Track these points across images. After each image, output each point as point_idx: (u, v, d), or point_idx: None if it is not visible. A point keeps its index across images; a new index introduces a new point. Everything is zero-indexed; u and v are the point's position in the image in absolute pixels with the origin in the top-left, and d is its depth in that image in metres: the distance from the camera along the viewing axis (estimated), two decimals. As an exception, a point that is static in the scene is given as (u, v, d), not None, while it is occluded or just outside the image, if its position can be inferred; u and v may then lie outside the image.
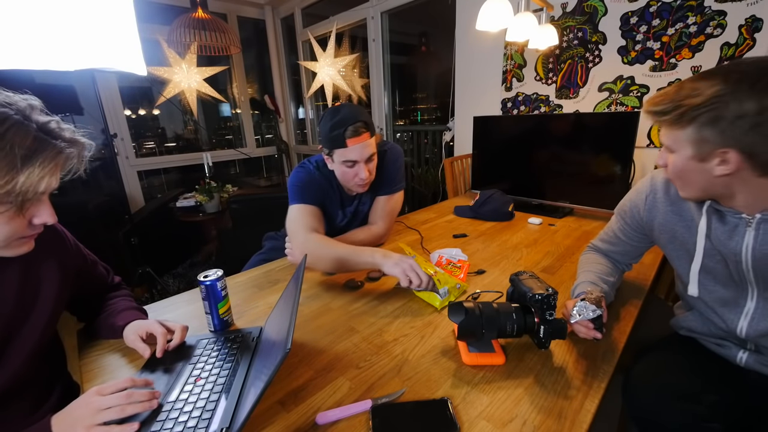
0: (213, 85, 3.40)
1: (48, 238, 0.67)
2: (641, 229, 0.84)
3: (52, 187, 0.56)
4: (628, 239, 0.88)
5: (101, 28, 0.87)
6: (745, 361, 0.74)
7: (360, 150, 1.05)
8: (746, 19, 1.46)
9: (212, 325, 0.81)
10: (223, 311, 0.80)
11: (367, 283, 1.02)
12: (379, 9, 2.95)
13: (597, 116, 1.69)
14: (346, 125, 1.02)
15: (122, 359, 0.73)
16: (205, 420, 0.55)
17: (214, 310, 0.79)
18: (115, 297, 0.83)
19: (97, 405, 0.52)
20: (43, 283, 0.67)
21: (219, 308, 0.79)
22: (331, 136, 1.05)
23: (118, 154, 3.04)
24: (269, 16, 3.85)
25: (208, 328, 0.82)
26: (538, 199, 1.73)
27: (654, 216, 0.79)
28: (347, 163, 1.08)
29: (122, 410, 0.52)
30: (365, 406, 0.59)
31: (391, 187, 1.25)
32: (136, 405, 0.54)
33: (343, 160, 1.08)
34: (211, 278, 0.77)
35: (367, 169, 1.09)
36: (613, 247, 0.93)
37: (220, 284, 0.78)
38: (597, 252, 0.97)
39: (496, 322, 0.67)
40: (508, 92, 2.30)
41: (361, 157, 1.07)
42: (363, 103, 3.43)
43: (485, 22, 1.44)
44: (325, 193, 1.19)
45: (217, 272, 0.78)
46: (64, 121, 0.60)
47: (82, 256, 0.78)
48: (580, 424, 0.55)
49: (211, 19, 2.58)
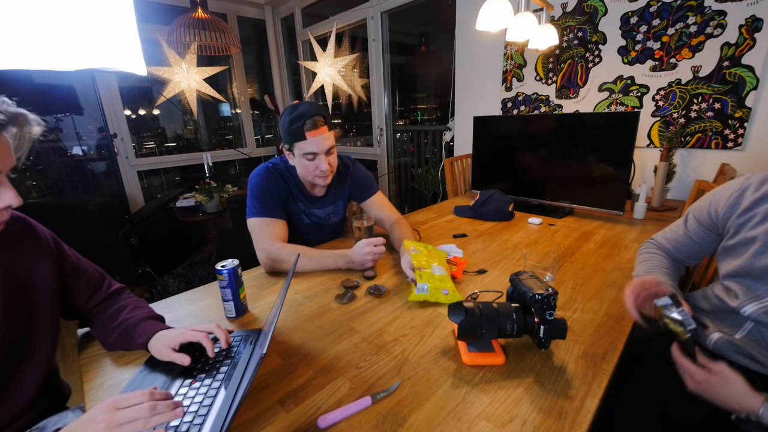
0: (213, 85, 3.40)
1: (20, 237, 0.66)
2: (715, 228, 0.84)
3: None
4: (698, 239, 0.87)
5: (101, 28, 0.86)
6: (714, 344, 0.77)
7: (319, 142, 1.10)
8: (746, 19, 1.46)
9: (234, 311, 0.86)
10: (243, 296, 0.88)
11: (363, 282, 1.02)
12: (379, 9, 2.96)
13: (597, 116, 1.69)
14: (305, 118, 1.07)
15: (122, 359, 0.73)
16: (197, 425, 0.54)
17: (236, 296, 0.85)
18: (123, 308, 0.77)
19: (116, 419, 0.47)
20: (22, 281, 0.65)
21: (240, 293, 0.86)
22: (291, 130, 1.10)
23: (118, 154, 3.05)
24: (269, 16, 3.86)
25: (226, 317, 0.87)
26: (538, 199, 1.73)
27: (734, 211, 0.78)
28: (308, 156, 1.12)
29: (146, 423, 0.47)
30: (365, 404, 0.59)
31: (371, 190, 1.36)
32: (161, 416, 0.49)
33: (304, 153, 1.12)
34: (231, 266, 0.83)
35: (327, 161, 1.13)
36: (677, 246, 0.92)
37: (239, 271, 0.85)
38: (660, 250, 0.95)
39: (496, 322, 0.67)
40: (508, 92, 2.30)
41: (320, 149, 1.11)
42: (363, 103, 3.44)
43: (485, 22, 1.44)
44: (287, 188, 1.23)
45: (233, 261, 0.85)
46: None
47: (60, 249, 0.74)
48: (580, 424, 0.55)
49: (211, 19, 2.58)
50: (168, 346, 0.68)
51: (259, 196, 1.16)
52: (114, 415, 0.47)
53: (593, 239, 1.31)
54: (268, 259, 1.09)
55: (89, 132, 3.11)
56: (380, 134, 3.34)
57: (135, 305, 0.79)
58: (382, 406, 0.59)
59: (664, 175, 1.61)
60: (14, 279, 0.64)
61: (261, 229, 1.12)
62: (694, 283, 1.20)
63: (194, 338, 0.69)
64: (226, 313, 0.87)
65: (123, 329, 0.72)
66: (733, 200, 0.79)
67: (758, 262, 0.72)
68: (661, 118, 1.75)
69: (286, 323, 0.84)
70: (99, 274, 0.81)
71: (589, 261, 1.12)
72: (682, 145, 1.71)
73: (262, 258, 1.11)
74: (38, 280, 0.68)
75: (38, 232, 0.70)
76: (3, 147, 0.54)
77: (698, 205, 0.89)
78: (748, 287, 0.75)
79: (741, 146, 1.58)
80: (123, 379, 0.67)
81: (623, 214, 1.50)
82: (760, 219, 0.73)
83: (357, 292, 0.97)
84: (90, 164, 3.16)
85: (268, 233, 1.12)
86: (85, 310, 0.78)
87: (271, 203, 1.16)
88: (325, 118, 1.11)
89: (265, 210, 1.14)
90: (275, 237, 1.12)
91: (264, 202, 1.15)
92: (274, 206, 1.16)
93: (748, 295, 0.74)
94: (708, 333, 0.80)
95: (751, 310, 0.73)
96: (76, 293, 0.76)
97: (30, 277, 0.67)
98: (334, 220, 1.38)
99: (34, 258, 0.68)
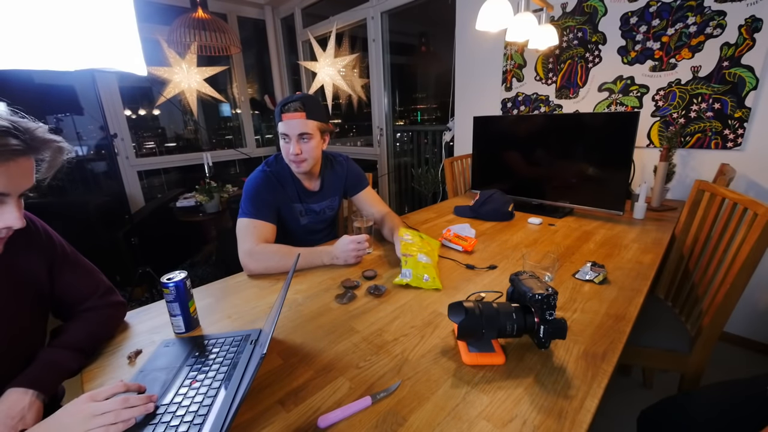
0: (213, 85, 3.40)
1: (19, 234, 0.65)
2: None
3: (11, 189, 0.53)
4: None
5: (101, 28, 0.86)
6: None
7: (292, 126, 1.15)
8: (746, 19, 1.46)
9: (183, 326, 0.80)
10: (192, 309, 0.82)
11: (363, 282, 1.02)
12: (379, 9, 2.96)
13: (597, 116, 1.70)
14: (288, 102, 1.15)
15: (122, 359, 0.73)
16: (197, 425, 0.54)
17: (185, 310, 0.79)
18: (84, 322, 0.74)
19: (90, 411, 0.50)
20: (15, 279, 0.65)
21: (189, 306, 0.80)
22: (276, 111, 1.19)
23: (118, 154, 3.05)
24: (269, 16, 3.86)
25: (175, 332, 0.80)
26: (538, 199, 1.73)
27: None
28: (284, 137, 1.19)
29: (117, 415, 0.50)
30: (365, 404, 0.59)
31: (363, 184, 1.44)
32: (132, 410, 0.52)
33: (281, 132, 1.19)
34: (179, 279, 0.77)
35: (299, 147, 1.17)
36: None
37: (188, 283, 0.79)
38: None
39: (496, 322, 0.67)
40: (508, 92, 2.30)
41: (291, 132, 1.16)
42: (363, 103, 3.43)
43: (485, 22, 1.44)
44: (283, 191, 1.26)
45: (180, 273, 0.79)
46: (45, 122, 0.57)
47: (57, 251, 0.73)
48: (580, 424, 0.55)
49: (211, 19, 2.58)
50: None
51: (252, 198, 1.17)
52: (89, 407, 0.50)
53: (593, 239, 1.31)
54: (251, 259, 1.08)
55: (89, 132, 3.10)
56: (380, 134, 3.34)
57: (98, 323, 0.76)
58: (382, 406, 0.59)
59: (663, 175, 1.61)
60: (5, 273, 0.64)
61: (247, 230, 1.13)
62: (694, 282, 1.20)
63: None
64: (174, 329, 0.81)
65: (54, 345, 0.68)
66: None
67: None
68: (661, 118, 1.75)
69: (286, 323, 0.84)
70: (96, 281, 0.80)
71: (589, 261, 1.12)
72: (682, 145, 1.72)
73: (244, 259, 1.09)
74: (29, 274, 0.67)
75: (30, 226, 0.69)
76: (26, 169, 0.54)
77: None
78: None
79: (741, 146, 1.58)
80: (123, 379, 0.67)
81: (623, 214, 1.50)
82: None
83: (357, 292, 0.97)
84: (90, 164, 3.16)
85: (254, 234, 1.12)
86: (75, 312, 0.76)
87: (264, 207, 1.17)
88: (305, 105, 1.15)
89: (256, 212, 1.15)
90: (261, 239, 1.12)
91: (256, 204, 1.16)
92: (265, 210, 1.17)
93: None
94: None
95: None
96: (71, 293, 0.75)
97: (21, 271, 0.66)
98: (329, 214, 1.42)
99: (26, 252, 0.68)
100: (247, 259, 1.08)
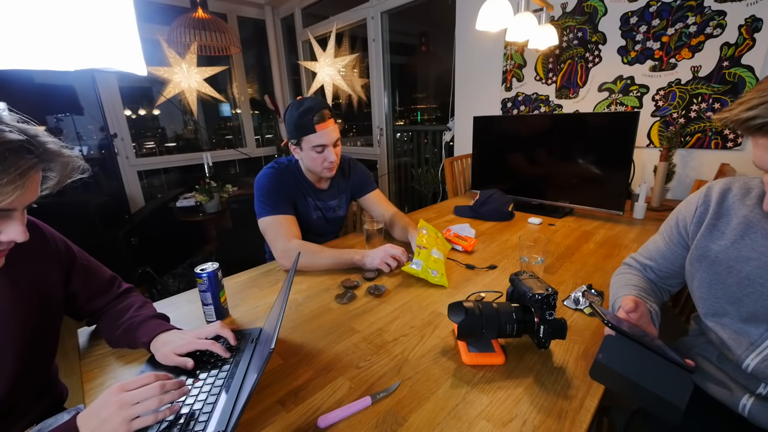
0: (213, 85, 3.40)
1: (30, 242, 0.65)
2: (686, 244, 0.76)
3: (19, 204, 0.52)
4: (673, 255, 0.79)
5: (101, 28, 0.86)
6: (749, 411, 0.64)
7: (328, 134, 1.14)
8: (746, 19, 1.46)
9: (214, 315, 0.84)
10: (223, 299, 0.87)
11: (363, 282, 1.02)
12: (379, 9, 2.95)
13: (597, 116, 1.69)
14: (314, 112, 1.11)
15: (123, 359, 0.73)
16: (202, 423, 0.55)
17: (217, 299, 0.84)
18: (130, 306, 0.79)
19: (127, 400, 0.50)
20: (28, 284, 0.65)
21: (220, 296, 0.85)
22: (300, 124, 1.13)
23: (118, 154, 3.05)
24: (269, 16, 3.85)
25: (206, 320, 0.85)
26: (538, 199, 1.73)
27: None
28: (317, 149, 1.15)
29: (159, 401, 0.51)
30: (365, 404, 0.59)
31: (371, 186, 1.43)
32: (170, 394, 0.53)
33: (313, 146, 1.15)
34: (211, 270, 0.81)
35: (335, 152, 1.18)
36: (654, 264, 0.83)
37: (220, 274, 0.84)
38: (634, 270, 0.86)
39: (496, 322, 0.67)
40: (508, 92, 2.30)
41: (329, 141, 1.15)
42: (363, 103, 3.43)
43: (485, 22, 1.44)
44: (295, 184, 1.26)
45: (212, 264, 0.84)
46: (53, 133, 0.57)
47: (71, 254, 0.75)
48: (580, 424, 0.55)
49: (211, 19, 2.58)
50: (174, 352, 0.68)
51: (267, 194, 1.16)
52: (125, 396, 0.50)
53: (593, 239, 1.31)
54: (288, 258, 1.08)
55: (89, 132, 3.10)
56: (380, 134, 3.34)
57: (141, 304, 0.80)
58: (382, 405, 0.59)
59: (663, 175, 1.61)
60: (22, 283, 0.65)
61: (275, 228, 1.12)
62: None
63: (202, 347, 0.69)
64: (206, 317, 0.85)
65: (127, 327, 0.73)
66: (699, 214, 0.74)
67: None
68: (661, 118, 1.75)
69: (286, 323, 0.84)
70: (110, 276, 0.83)
71: (588, 261, 1.12)
72: (682, 145, 1.72)
73: (281, 258, 1.10)
74: (46, 285, 0.68)
75: (48, 238, 0.71)
76: (35, 183, 0.53)
77: (667, 220, 0.84)
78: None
79: (740, 146, 1.58)
80: (124, 379, 0.67)
81: (623, 214, 1.50)
82: None
83: (357, 292, 0.97)
84: (90, 164, 3.16)
85: (283, 232, 1.12)
86: (94, 310, 0.79)
87: (280, 200, 1.17)
88: (330, 110, 1.16)
89: (275, 208, 1.15)
90: (291, 235, 1.12)
91: (273, 199, 1.15)
92: (283, 203, 1.17)
93: None
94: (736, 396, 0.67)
95: None
96: (88, 294, 0.77)
97: (37, 282, 0.67)
98: (340, 214, 1.41)
99: (43, 263, 0.69)
100: (284, 260, 1.10)
